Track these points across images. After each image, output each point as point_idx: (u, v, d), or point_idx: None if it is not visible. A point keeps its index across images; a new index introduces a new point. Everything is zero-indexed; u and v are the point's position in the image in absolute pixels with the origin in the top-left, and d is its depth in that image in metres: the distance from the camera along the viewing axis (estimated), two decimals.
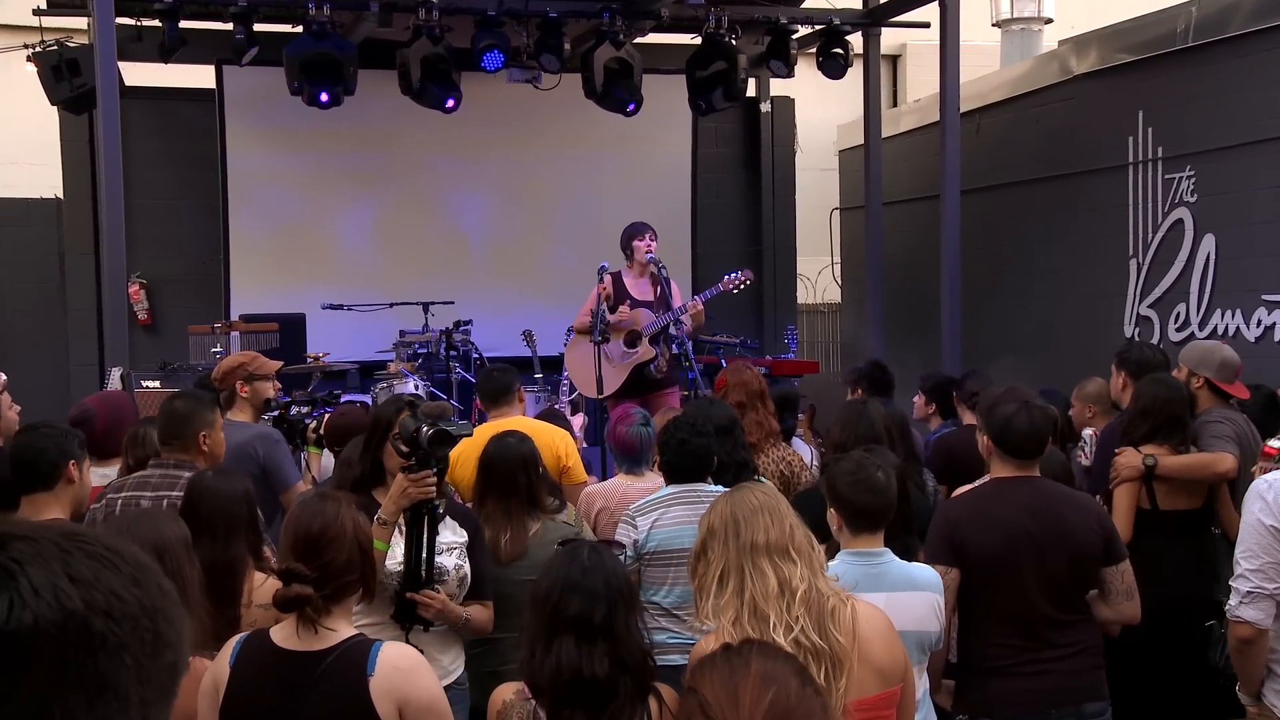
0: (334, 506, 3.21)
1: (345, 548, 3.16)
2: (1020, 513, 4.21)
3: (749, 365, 6.52)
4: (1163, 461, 5.25)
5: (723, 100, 11.36)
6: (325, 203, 12.20)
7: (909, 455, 5.30)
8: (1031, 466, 4.31)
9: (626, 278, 8.80)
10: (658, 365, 8.60)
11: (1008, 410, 4.26)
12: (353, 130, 11.73)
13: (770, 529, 3.30)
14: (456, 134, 11.89)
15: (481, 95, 11.36)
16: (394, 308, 10.79)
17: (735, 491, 3.45)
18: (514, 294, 12.34)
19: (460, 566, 4.20)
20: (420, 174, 12.42)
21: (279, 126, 11.77)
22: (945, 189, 10.44)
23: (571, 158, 12.71)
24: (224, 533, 3.93)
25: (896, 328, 12.11)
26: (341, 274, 11.95)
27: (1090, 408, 6.42)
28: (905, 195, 13.06)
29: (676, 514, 4.88)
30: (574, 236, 12.51)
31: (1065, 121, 10.96)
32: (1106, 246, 10.37)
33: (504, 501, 4.79)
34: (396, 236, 12.37)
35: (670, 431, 5.01)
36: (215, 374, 5.96)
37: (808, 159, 14.88)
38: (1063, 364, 10.32)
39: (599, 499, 5.54)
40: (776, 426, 6.20)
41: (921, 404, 7.43)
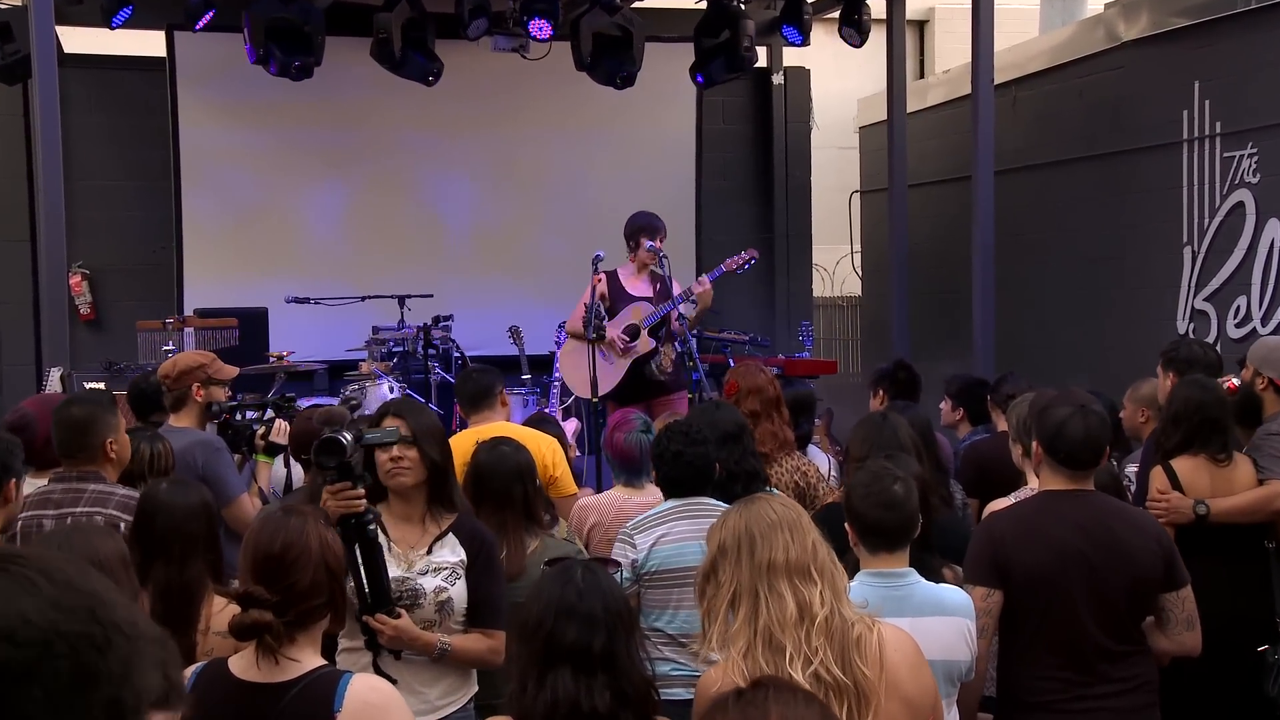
0: (299, 522, 3.15)
1: (311, 568, 3.11)
2: (1072, 530, 4.17)
3: (761, 367, 6.47)
4: (1215, 507, 5.25)
5: (724, 71, 11.32)
6: (289, 184, 12.16)
7: (934, 465, 5.25)
8: (1085, 479, 4.26)
9: (623, 275, 8.75)
10: (660, 364, 8.53)
11: (1061, 414, 4.21)
12: (320, 104, 11.69)
13: (790, 546, 3.25)
14: (435, 109, 11.85)
15: (463, 66, 11.31)
16: (366, 301, 10.77)
17: (749, 503, 3.38)
18: (499, 286, 12.30)
19: (442, 590, 4.14)
20: (395, 153, 12.37)
21: (237, 99, 11.71)
22: (978, 169, 10.40)
23: (563, 135, 12.67)
24: (180, 551, 3.90)
25: (923, 324, 12.06)
26: (308, 264, 11.92)
27: (1143, 411, 6.39)
28: (933, 176, 13.00)
29: (680, 529, 4.85)
30: (566, 222, 12.47)
31: (1112, 94, 10.91)
32: (1158, 233, 10.32)
33: (499, 515, 4.76)
34: (369, 222, 12.32)
35: (663, 442, 4.99)
36: (168, 372, 5.92)
37: (825, 136, 14.85)
38: (1109, 364, 10.27)
39: (592, 513, 5.53)
40: (791, 436, 6.17)
41: (948, 409, 7.41)
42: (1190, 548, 5.06)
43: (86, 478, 4.69)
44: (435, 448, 4.19)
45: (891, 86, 11.56)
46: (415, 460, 4.17)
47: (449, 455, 4.28)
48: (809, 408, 7.09)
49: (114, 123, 12.04)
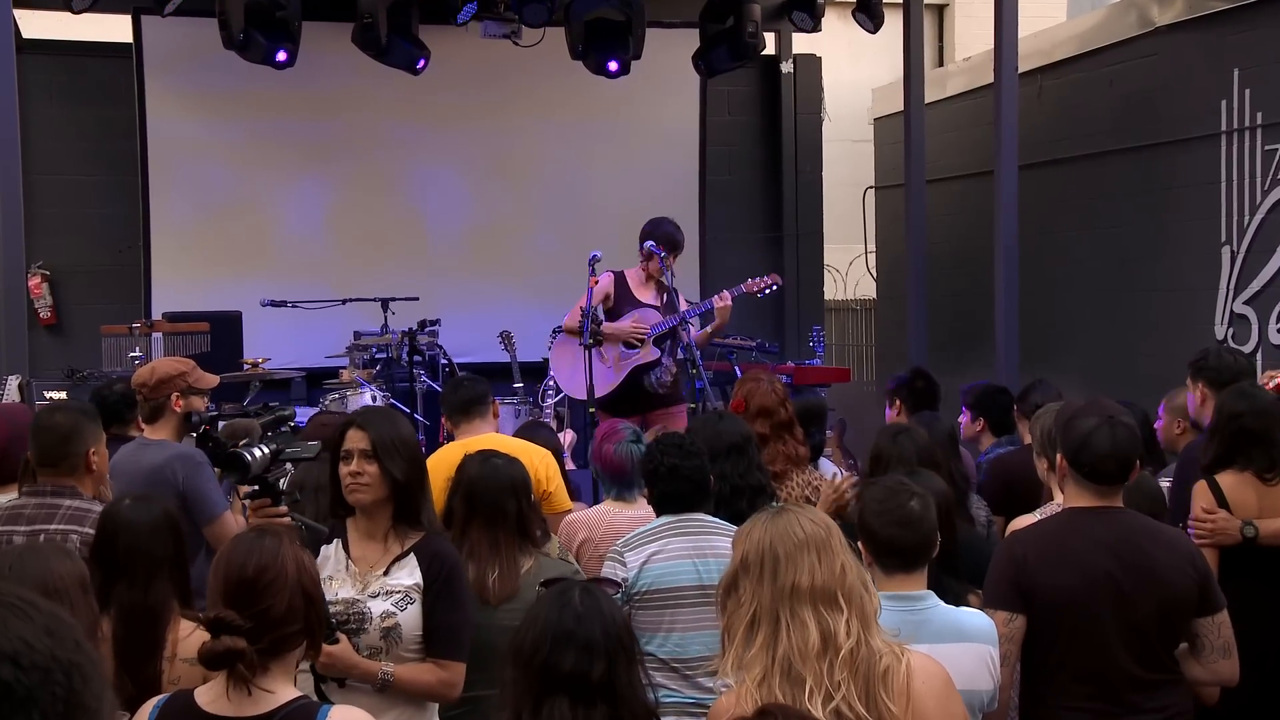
0: (274, 543, 3.15)
1: (286, 593, 3.10)
2: (1100, 550, 4.16)
3: (773, 383, 6.35)
4: (1265, 529, 5.21)
5: (729, 59, 11.32)
6: (265, 180, 12.17)
7: (956, 480, 5.25)
8: (1113, 495, 4.25)
9: (631, 278, 8.73)
10: (660, 377, 8.52)
11: (1087, 425, 4.21)
12: (298, 93, 11.70)
13: (817, 570, 3.18)
14: (422, 99, 11.86)
15: (451, 53, 11.33)
16: (347, 305, 10.78)
17: (777, 517, 3.29)
18: (490, 289, 12.30)
19: (389, 615, 4.11)
20: (379, 146, 12.38)
21: (209, 88, 11.72)
22: (1001, 164, 10.40)
23: (558, 127, 12.67)
24: (145, 573, 3.88)
25: (942, 329, 12.06)
26: (285, 265, 11.92)
27: (1180, 423, 6.38)
28: (953, 171, 12.99)
29: (675, 547, 4.85)
30: (561, 220, 12.48)
31: (1145, 82, 10.91)
32: (1195, 232, 10.32)
33: (491, 532, 4.74)
34: (350, 221, 12.33)
35: (656, 456, 4.97)
36: (145, 380, 5.91)
37: (837, 129, 14.83)
38: (1142, 372, 10.26)
39: (581, 529, 5.53)
40: (805, 454, 6.16)
41: (968, 420, 7.39)
42: (1232, 570, 5.07)
43: (62, 493, 4.68)
44: (399, 463, 4.16)
45: (908, 75, 11.57)
46: (375, 475, 4.15)
47: (418, 470, 4.25)
48: (820, 418, 7.08)
49: (76, 113, 12.04)
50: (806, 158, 13.99)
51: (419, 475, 4.24)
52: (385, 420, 4.31)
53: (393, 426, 4.25)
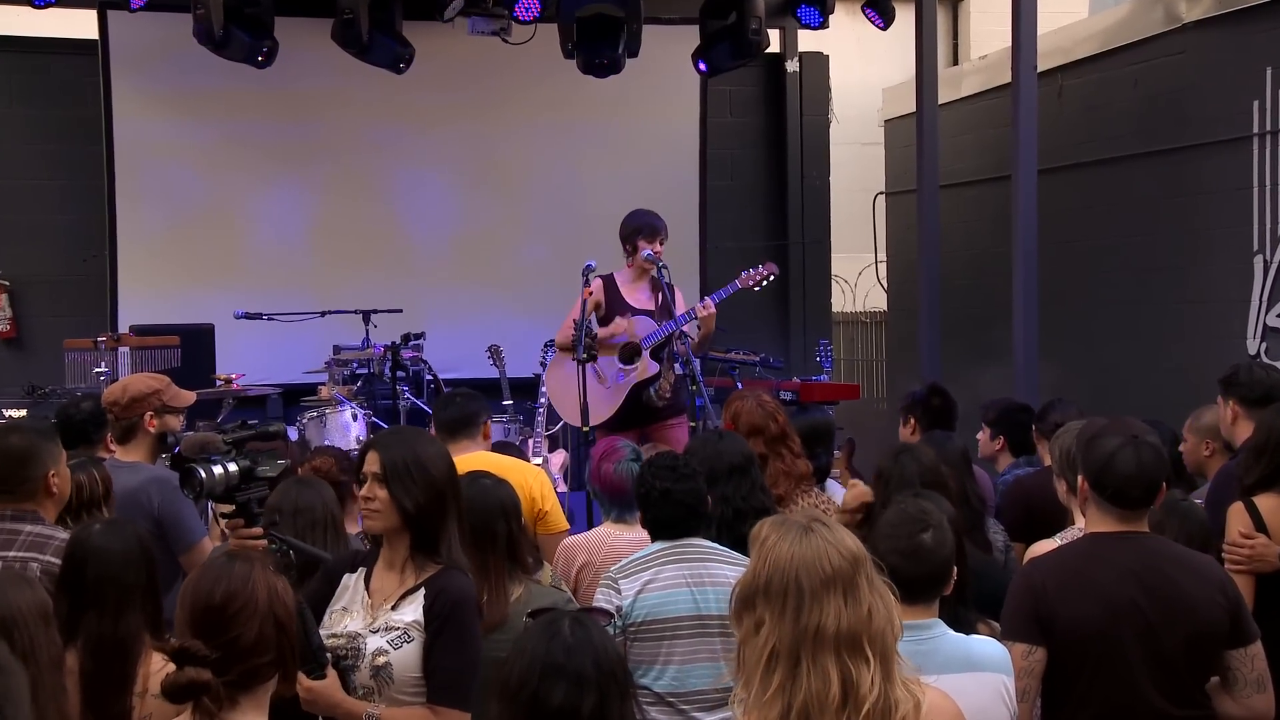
0: (244, 569, 3.14)
1: (256, 621, 3.09)
2: (1124, 579, 4.16)
3: (761, 398, 6.34)
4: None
5: (730, 57, 11.32)
6: (239, 185, 12.16)
7: (972, 502, 5.25)
8: (1138, 519, 4.26)
9: (621, 281, 8.73)
10: (659, 389, 8.51)
11: (1110, 445, 4.21)
12: (274, 94, 11.70)
13: (843, 613, 3.13)
14: (406, 99, 11.86)
15: (436, 51, 11.33)
16: (326, 317, 10.77)
17: (809, 538, 3.22)
18: (478, 300, 12.31)
19: (382, 653, 4.08)
20: (360, 149, 12.38)
21: (180, 88, 11.73)
22: (1019, 168, 10.39)
23: (550, 130, 12.67)
24: (115, 602, 3.89)
25: (957, 343, 12.04)
26: (260, 275, 11.92)
27: (1208, 443, 6.37)
28: (968, 176, 13.00)
29: (669, 575, 4.84)
30: (553, 228, 12.48)
31: (1172, 82, 10.92)
32: (1225, 240, 10.32)
33: (480, 557, 4.71)
34: (330, 228, 12.33)
35: (648, 479, 4.98)
36: (117, 399, 5.90)
37: (846, 131, 14.84)
38: (1169, 389, 10.25)
39: (581, 553, 5.54)
40: (807, 469, 6.15)
41: (986, 439, 7.40)
42: (1269, 599, 5.06)
43: (22, 518, 4.66)
44: (411, 489, 4.09)
45: (921, 74, 11.57)
46: (385, 502, 4.11)
47: (436, 498, 4.15)
48: (828, 438, 7.07)
49: (38, 114, 12.05)
50: (813, 162, 13.99)
51: (436, 503, 4.14)
52: (402, 442, 4.26)
53: (409, 449, 4.19)
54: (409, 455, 4.15)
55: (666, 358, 8.54)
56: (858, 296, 16.06)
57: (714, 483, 5.24)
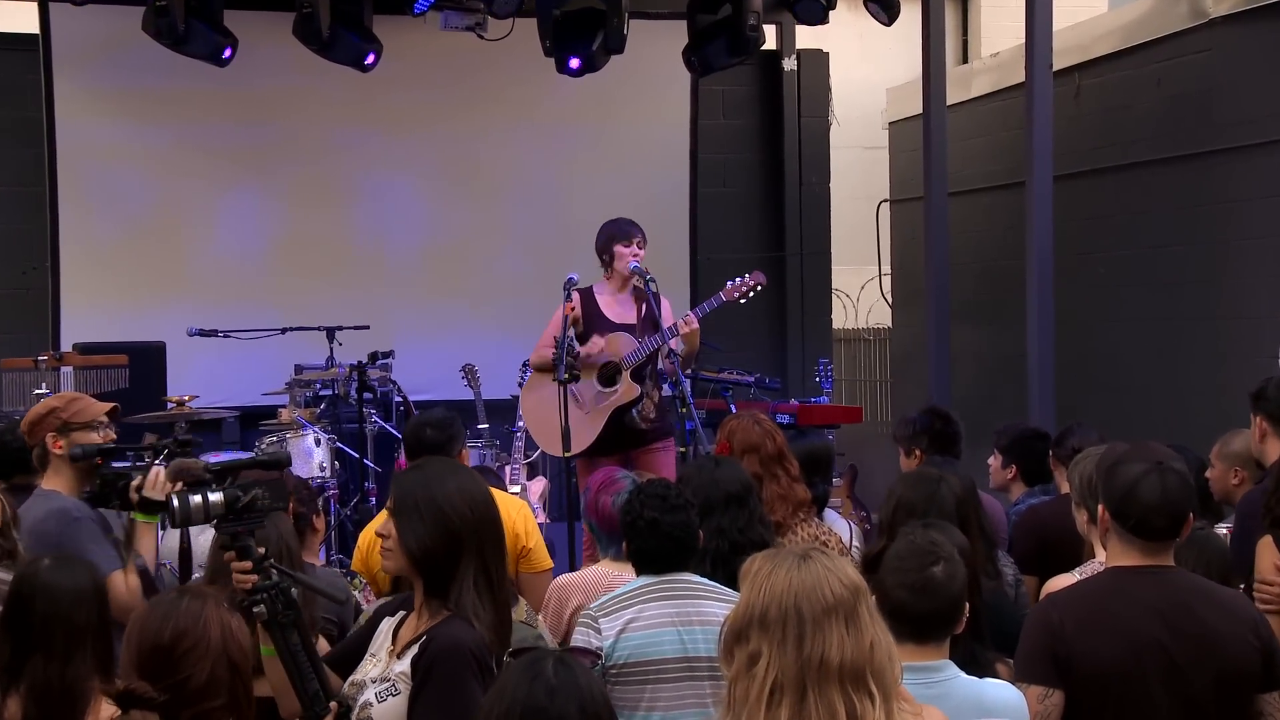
0: (195, 606, 3.13)
1: (209, 661, 3.08)
2: (1148, 616, 4.15)
3: (757, 418, 6.38)
4: None
5: (726, 56, 11.33)
6: (193, 192, 12.14)
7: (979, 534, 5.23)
8: (1163, 552, 4.24)
9: (600, 295, 8.70)
10: (643, 410, 8.48)
11: (1133, 473, 4.19)
12: (231, 93, 11.68)
13: (846, 643, 3.17)
14: (374, 100, 11.87)
15: (407, 48, 11.33)
16: (288, 334, 10.76)
17: (807, 566, 3.25)
18: (451, 315, 12.31)
19: (368, 705, 4.05)
20: (324, 153, 12.39)
21: (129, 87, 11.72)
22: (1033, 174, 10.39)
23: (529, 132, 12.69)
24: (64, 644, 3.85)
25: (967, 362, 12.05)
26: (216, 289, 11.90)
27: (1236, 471, 6.36)
28: (979, 183, 13.01)
29: (654, 613, 4.81)
30: (533, 238, 12.49)
31: (1198, 82, 10.94)
32: (1254, 251, 10.34)
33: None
34: (291, 238, 12.33)
35: (635, 508, 4.96)
36: (25, 425, 5.87)
37: (847, 134, 14.86)
38: (1195, 412, 10.25)
39: (576, 594, 5.47)
40: (805, 495, 6.15)
41: (998, 466, 7.37)
42: None
43: None
44: (417, 527, 4.02)
45: (928, 73, 11.58)
46: (395, 542, 4.06)
47: (446, 538, 4.04)
48: (827, 464, 7.06)
49: None
50: (812, 167, 14.00)
51: (447, 545, 4.04)
52: (421, 476, 4.19)
53: (424, 484, 4.12)
54: (421, 492, 4.09)
55: (650, 376, 8.52)
56: (860, 312, 16.07)
57: (709, 513, 5.22)
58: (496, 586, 4.09)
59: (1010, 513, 7.02)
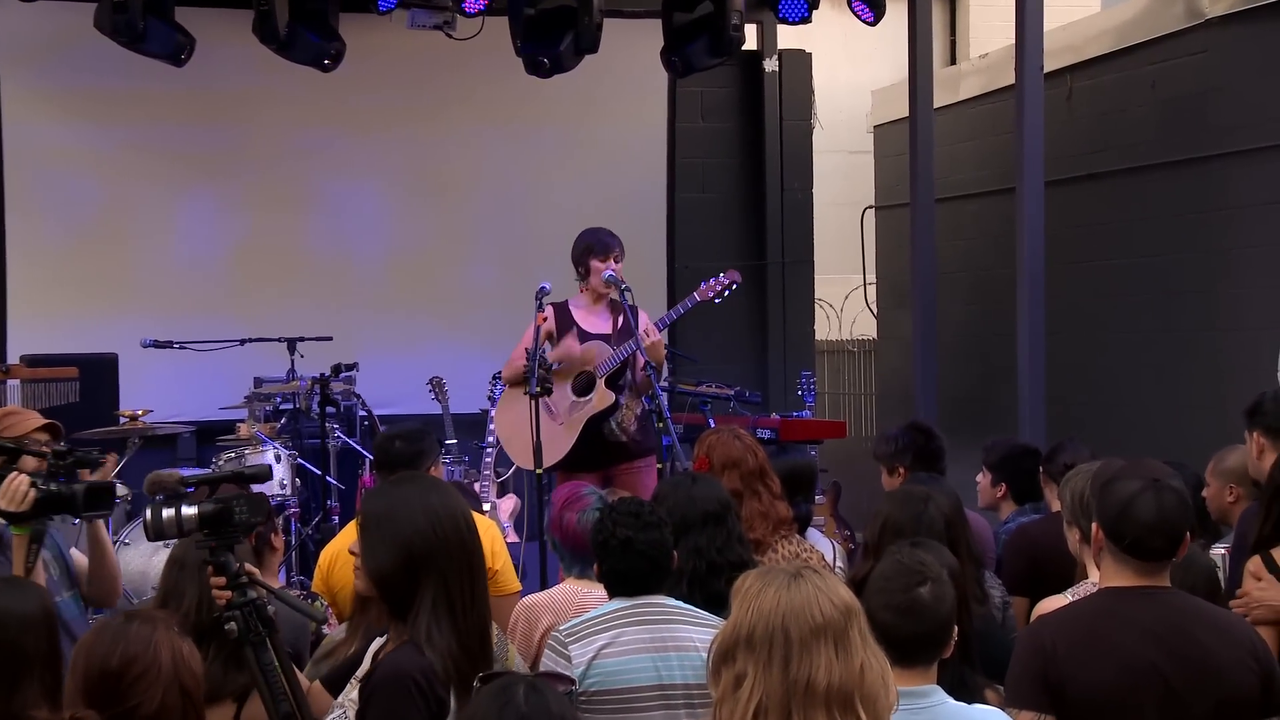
0: (145, 629, 3.11)
1: (159, 688, 3.06)
2: (1142, 639, 4.15)
3: (738, 432, 6.40)
4: None
5: (707, 56, 11.32)
6: (147, 197, 12.09)
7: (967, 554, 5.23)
8: (1159, 573, 4.25)
9: (576, 307, 8.68)
10: (621, 421, 8.46)
11: (1128, 490, 4.20)
12: (188, 93, 11.64)
13: (834, 666, 3.19)
14: (337, 101, 11.84)
15: (372, 47, 11.30)
16: (247, 346, 10.75)
17: (796, 585, 3.28)
18: (418, 327, 12.28)
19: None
20: (284, 157, 12.35)
21: (77, 87, 11.66)
22: (1024, 180, 10.42)
23: (500, 136, 12.67)
24: (10, 673, 3.83)
25: (956, 374, 12.05)
26: (171, 298, 11.86)
27: (1232, 489, 6.36)
28: (967, 189, 13.03)
29: (630, 639, 4.79)
30: (503, 246, 12.48)
31: (1194, 84, 10.97)
32: (1253, 259, 10.36)
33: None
34: (250, 245, 12.28)
35: (608, 526, 4.94)
36: None
37: (831, 138, 14.88)
38: (1193, 427, 10.26)
39: (545, 614, 5.45)
40: (787, 513, 6.15)
41: (987, 484, 7.37)
42: None
43: None
44: (376, 546, 4.02)
45: (914, 75, 11.61)
46: (360, 561, 4.09)
47: (406, 561, 4.01)
48: (809, 482, 7.06)
49: None
50: (794, 172, 13.99)
51: (403, 566, 4.01)
52: (388, 491, 4.21)
53: (388, 501, 4.13)
54: (385, 510, 4.10)
55: (629, 386, 8.50)
56: (844, 323, 16.09)
57: (686, 532, 5.21)
58: (460, 612, 4.03)
59: (1000, 532, 7.02)
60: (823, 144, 14.49)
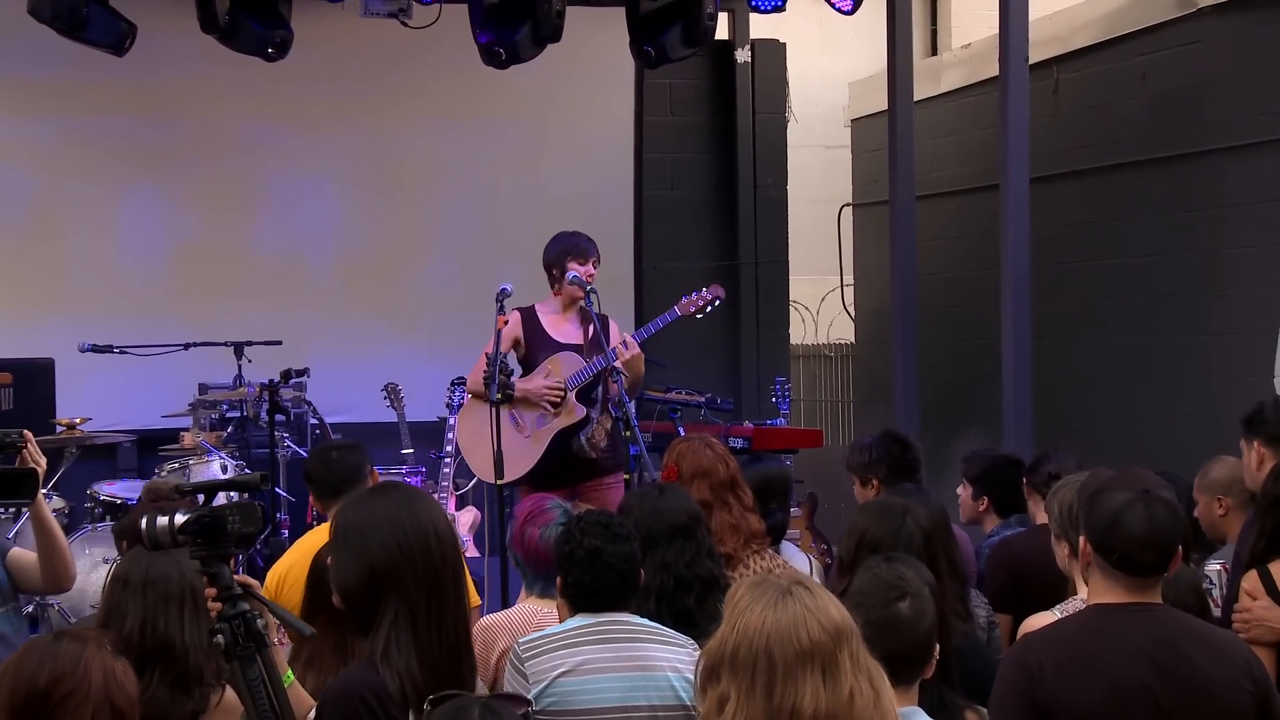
0: (75, 648, 3.09)
1: (89, 709, 3.04)
2: (1133, 658, 4.14)
3: (708, 441, 6.40)
4: None
5: (681, 46, 11.31)
6: (85, 193, 12.07)
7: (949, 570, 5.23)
8: (1150, 589, 4.24)
9: (544, 314, 8.65)
10: (591, 437, 8.44)
11: (1117, 502, 4.20)
12: (127, 84, 11.65)
13: (821, 694, 3.15)
14: (286, 93, 11.86)
15: (323, 36, 11.29)
16: (191, 350, 10.70)
17: (786, 603, 3.24)
18: (371, 331, 12.29)
19: None
20: (230, 152, 12.34)
21: (9, 77, 11.65)
22: (1008, 176, 10.42)
23: (459, 130, 12.68)
24: None
25: (936, 380, 12.06)
26: (111, 300, 11.85)
27: (1220, 501, 6.38)
28: (949, 185, 13.06)
29: (592, 656, 4.77)
30: (462, 246, 12.48)
31: (1187, 76, 11.00)
32: (1248, 260, 10.40)
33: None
34: (195, 244, 12.26)
35: (575, 537, 4.92)
36: None
37: (806, 132, 14.90)
38: (1185, 436, 10.28)
39: (503, 635, 5.44)
40: (759, 526, 6.14)
41: (968, 496, 7.37)
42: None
43: None
44: (340, 557, 4.03)
45: (893, 66, 11.61)
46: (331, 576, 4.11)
47: (368, 577, 4.02)
48: (784, 492, 7.04)
49: None
50: (767, 168, 14.01)
51: (366, 583, 4.02)
52: (358, 505, 4.18)
53: (356, 515, 4.12)
54: (352, 524, 4.09)
55: (600, 399, 8.47)
56: (820, 326, 16.12)
57: (653, 546, 5.20)
58: (425, 629, 4.01)
59: (982, 547, 7.02)
60: (797, 138, 14.51)
